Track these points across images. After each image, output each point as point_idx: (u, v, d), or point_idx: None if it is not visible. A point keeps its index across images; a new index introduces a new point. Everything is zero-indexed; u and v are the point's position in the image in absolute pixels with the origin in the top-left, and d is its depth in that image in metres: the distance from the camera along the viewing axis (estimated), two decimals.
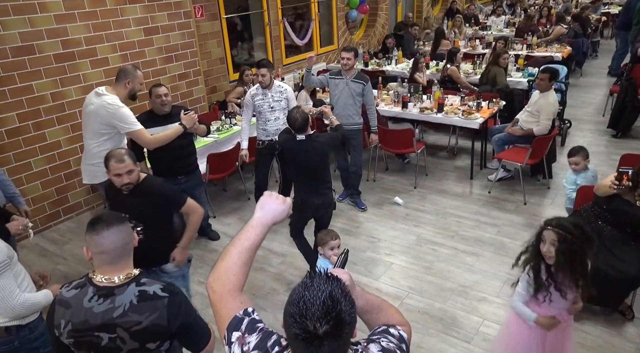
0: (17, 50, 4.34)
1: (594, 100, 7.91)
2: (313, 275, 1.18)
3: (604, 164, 5.54)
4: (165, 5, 5.51)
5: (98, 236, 1.68)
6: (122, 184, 2.66)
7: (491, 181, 5.30)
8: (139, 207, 2.75)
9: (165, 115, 3.85)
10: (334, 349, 1.10)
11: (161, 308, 1.68)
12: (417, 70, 6.78)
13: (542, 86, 4.91)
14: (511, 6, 12.99)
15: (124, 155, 2.65)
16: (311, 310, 1.08)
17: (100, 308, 1.66)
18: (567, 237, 2.17)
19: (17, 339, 2.20)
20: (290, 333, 1.11)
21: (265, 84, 4.40)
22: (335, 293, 1.11)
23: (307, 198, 3.58)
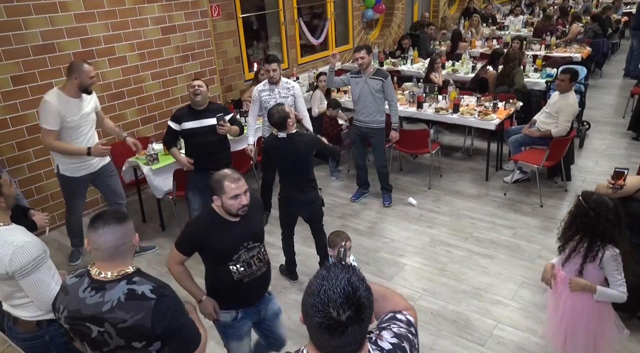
0: (38, 48, 4.43)
1: (614, 101, 7.77)
2: (329, 265, 1.22)
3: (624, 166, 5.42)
4: (183, 5, 5.56)
5: (94, 233, 1.70)
6: (240, 207, 2.30)
7: (507, 183, 5.24)
8: (255, 227, 2.48)
9: (201, 110, 3.94)
10: (357, 334, 1.15)
11: (146, 310, 1.66)
12: (433, 70, 6.73)
13: (562, 87, 4.83)
14: (530, 6, 12.81)
15: (235, 173, 2.33)
16: (332, 298, 1.12)
17: (92, 300, 1.68)
18: (582, 205, 2.36)
19: (48, 333, 2.22)
20: (313, 324, 1.14)
21: (275, 79, 4.42)
22: (353, 280, 1.16)
23: (291, 195, 3.63)
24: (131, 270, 1.74)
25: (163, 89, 5.59)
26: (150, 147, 4.52)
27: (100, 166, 3.99)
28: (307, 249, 4.32)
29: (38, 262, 2.08)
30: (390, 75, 4.83)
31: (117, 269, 1.71)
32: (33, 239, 2.12)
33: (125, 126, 5.29)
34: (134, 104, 5.34)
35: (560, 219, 2.65)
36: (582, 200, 2.38)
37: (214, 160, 4.06)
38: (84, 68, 3.58)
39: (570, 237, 2.44)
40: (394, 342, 1.30)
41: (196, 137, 3.95)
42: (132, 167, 4.70)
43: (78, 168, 3.84)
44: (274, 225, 4.80)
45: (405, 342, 1.33)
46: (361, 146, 5.02)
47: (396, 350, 1.29)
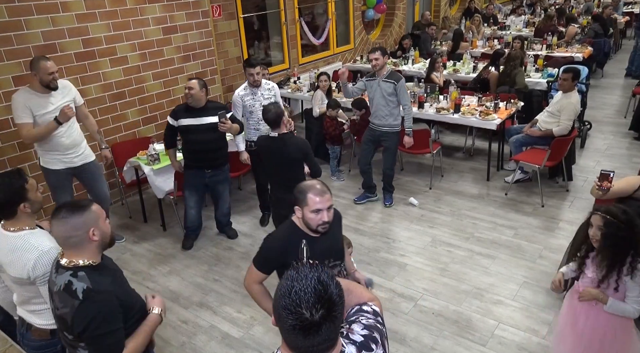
0: (39, 48, 4.43)
1: (615, 101, 7.76)
2: (296, 266, 1.21)
3: (626, 166, 5.43)
4: (184, 5, 5.57)
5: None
6: (321, 223, 2.09)
7: (508, 183, 5.24)
8: (336, 244, 2.31)
9: (200, 108, 3.96)
10: (331, 332, 1.15)
11: (70, 308, 1.69)
12: (434, 70, 6.73)
13: (565, 86, 4.82)
14: (531, 6, 12.80)
15: (323, 185, 2.11)
16: (304, 298, 1.11)
17: (52, 277, 1.79)
18: (613, 221, 2.25)
19: (60, 343, 2.17)
20: (286, 326, 1.13)
21: (258, 83, 4.42)
22: (323, 278, 1.15)
23: (280, 196, 3.61)
24: (82, 263, 1.75)
25: (164, 89, 5.60)
26: (152, 147, 4.53)
27: (81, 162, 3.99)
28: None
29: None
30: (404, 78, 4.80)
31: (69, 258, 1.77)
32: (57, 245, 2.09)
33: (127, 126, 5.30)
34: (135, 104, 5.35)
35: (561, 219, 2.63)
36: (608, 217, 2.26)
37: (210, 158, 4.11)
38: (41, 65, 3.53)
39: (609, 257, 2.28)
40: (364, 333, 1.32)
41: (193, 134, 3.97)
42: (133, 167, 4.71)
43: (57, 161, 3.86)
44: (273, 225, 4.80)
45: (375, 332, 1.35)
46: (371, 147, 4.97)
47: (368, 341, 1.31)
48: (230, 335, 3.38)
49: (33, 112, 3.61)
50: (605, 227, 2.26)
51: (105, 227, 1.84)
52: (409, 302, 3.57)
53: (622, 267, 2.27)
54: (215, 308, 3.66)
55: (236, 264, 4.21)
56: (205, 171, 4.15)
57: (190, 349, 3.26)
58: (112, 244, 1.91)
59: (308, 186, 2.10)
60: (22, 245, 2.04)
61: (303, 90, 6.79)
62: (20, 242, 2.05)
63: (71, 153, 3.90)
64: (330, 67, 8.18)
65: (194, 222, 4.41)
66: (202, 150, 4.04)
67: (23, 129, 3.63)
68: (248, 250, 4.39)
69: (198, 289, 3.90)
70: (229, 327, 3.45)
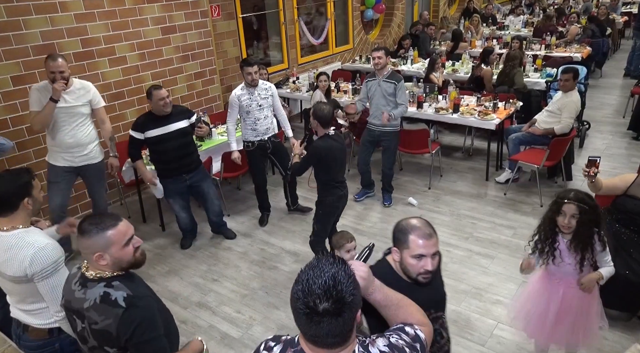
0: (38, 48, 4.43)
1: (614, 101, 7.77)
2: (320, 256, 1.25)
3: (625, 166, 5.44)
4: (183, 5, 5.56)
5: (79, 235, 1.71)
6: (423, 272, 1.74)
7: (499, 183, 5.26)
8: (439, 292, 2.02)
9: (165, 115, 3.90)
10: (333, 327, 1.18)
11: (114, 318, 1.63)
12: (433, 70, 6.73)
13: (567, 87, 4.83)
14: (530, 6, 12.81)
15: (428, 226, 1.82)
16: (312, 288, 1.17)
17: (78, 294, 1.71)
18: (586, 208, 2.33)
19: (58, 341, 2.20)
20: (295, 310, 1.21)
21: (256, 82, 4.39)
22: (338, 275, 1.19)
23: (344, 193, 3.69)
24: (108, 274, 1.71)
25: None
26: None
27: (83, 163, 4.00)
28: (307, 249, 4.32)
29: (58, 265, 2.07)
30: (403, 79, 4.80)
31: (95, 271, 1.72)
32: (53, 242, 2.11)
33: (126, 126, 5.29)
34: (134, 104, 5.34)
35: None
36: (580, 203, 2.35)
37: (186, 163, 4.06)
38: (46, 63, 3.66)
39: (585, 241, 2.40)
40: (384, 350, 1.29)
41: (164, 144, 3.91)
42: (132, 167, 4.70)
43: (59, 157, 3.91)
44: (274, 225, 4.80)
45: (397, 352, 1.30)
46: (369, 148, 4.97)
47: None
48: (229, 335, 3.38)
49: (43, 104, 3.70)
50: (580, 214, 2.34)
51: (120, 254, 1.72)
52: None
53: (594, 245, 2.42)
54: (214, 309, 3.66)
55: (235, 264, 4.21)
56: (183, 175, 4.09)
57: None
58: (136, 267, 1.80)
59: (410, 226, 1.76)
60: (16, 243, 2.04)
61: (302, 90, 6.79)
62: (14, 240, 2.05)
63: (73, 152, 3.93)
64: (330, 67, 8.18)
65: (187, 224, 4.41)
66: (175, 158, 3.96)
67: (30, 116, 3.81)
68: (247, 250, 4.39)
69: (197, 289, 3.90)
70: (228, 327, 3.45)
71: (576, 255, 2.43)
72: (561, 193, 2.45)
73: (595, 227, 2.40)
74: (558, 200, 2.43)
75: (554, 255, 2.48)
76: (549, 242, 2.48)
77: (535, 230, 2.58)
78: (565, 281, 2.55)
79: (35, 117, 3.74)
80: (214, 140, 5.11)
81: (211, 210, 4.46)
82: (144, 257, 1.84)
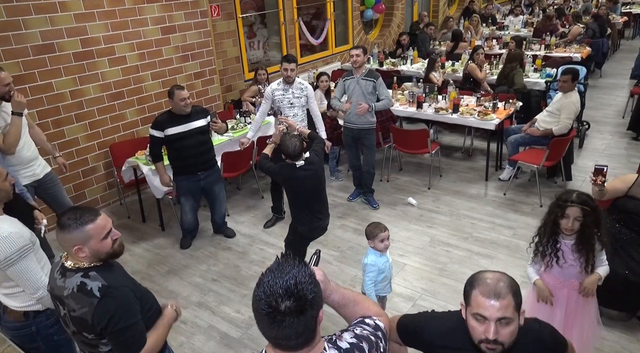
0: (38, 48, 4.42)
1: (614, 101, 7.77)
2: (280, 259, 1.27)
3: (624, 166, 5.44)
4: (183, 5, 5.56)
5: (56, 228, 1.76)
6: (484, 340, 1.45)
7: (502, 180, 5.27)
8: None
9: (184, 115, 3.96)
10: (297, 326, 1.19)
11: (89, 307, 1.71)
12: (433, 70, 6.74)
13: (566, 88, 4.83)
14: (529, 6, 12.82)
15: (503, 280, 1.49)
16: (274, 288, 1.18)
17: (59, 283, 1.79)
18: (589, 210, 2.33)
19: (35, 324, 2.25)
20: (257, 312, 1.20)
21: (291, 79, 4.44)
22: (298, 274, 1.21)
23: (319, 224, 3.46)
24: (85, 266, 1.76)
25: (163, 89, 5.59)
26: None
27: (43, 173, 3.79)
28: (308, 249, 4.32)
29: (23, 252, 2.10)
30: (389, 75, 4.82)
31: (74, 261, 1.78)
32: (20, 230, 2.15)
33: (125, 126, 5.30)
34: (134, 104, 5.34)
35: None
36: (584, 205, 2.34)
37: (203, 161, 4.12)
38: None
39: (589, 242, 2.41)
40: (352, 341, 1.33)
41: (183, 141, 3.96)
42: (131, 167, 4.70)
43: (22, 176, 3.62)
44: (274, 225, 4.80)
45: (364, 342, 1.34)
46: (354, 147, 5.00)
47: (353, 349, 1.31)
48: (229, 335, 3.38)
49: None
50: (584, 217, 2.33)
51: (99, 246, 1.76)
52: (407, 302, 3.57)
53: (594, 246, 2.43)
54: (213, 308, 3.66)
55: (235, 264, 4.21)
56: (199, 173, 4.15)
57: (189, 349, 3.26)
58: (114, 257, 1.85)
59: (480, 278, 1.51)
60: None
61: None
62: None
63: (33, 165, 3.70)
64: (329, 67, 8.19)
65: (190, 225, 4.43)
66: (194, 155, 4.05)
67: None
68: (247, 250, 4.39)
69: (197, 289, 3.90)
70: (228, 327, 3.45)
71: (580, 257, 2.42)
72: (563, 196, 2.42)
73: (596, 228, 2.40)
74: (561, 202, 2.39)
75: (557, 257, 2.46)
76: (551, 244, 2.47)
77: (536, 232, 2.57)
78: (568, 283, 2.53)
79: (7, 138, 3.39)
80: (215, 139, 5.10)
81: (217, 211, 4.51)
82: (122, 248, 1.89)
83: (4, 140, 3.42)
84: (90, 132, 4.98)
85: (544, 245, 2.50)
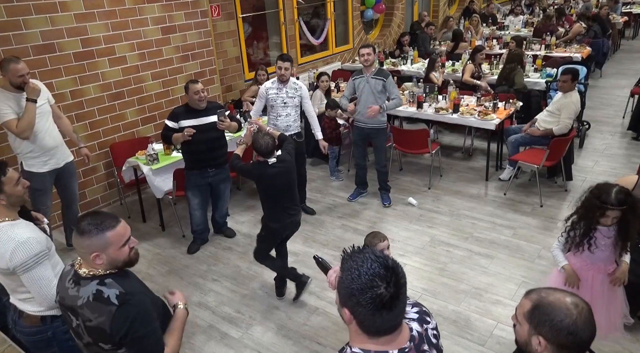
0: (38, 48, 4.43)
1: (614, 101, 7.76)
2: (351, 253, 1.26)
3: (624, 166, 5.44)
4: (183, 5, 5.56)
5: (74, 232, 1.71)
6: None
7: (502, 180, 5.28)
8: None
9: (201, 109, 3.99)
10: (406, 299, 1.24)
11: (107, 315, 1.65)
12: (433, 70, 6.73)
13: (565, 88, 4.83)
14: (529, 6, 12.82)
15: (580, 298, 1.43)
16: (376, 273, 1.18)
17: (72, 292, 1.72)
18: (628, 209, 2.37)
19: (51, 329, 2.22)
20: (368, 308, 1.18)
21: (285, 78, 4.44)
22: (377, 252, 1.23)
23: (292, 220, 3.48)
24: (101, 273, 1.71)
25: (163, 89, 5.59)
26: (150, 147, 4.53)
27: (64, 163, 4.01)
28: (307, 249, 4.33)
29: (39, 258, 2.08)
30: (392, 74, 4.82)
31: (88, 269, 1.72)
32: (37, 235, 2.13)
33: (125, 126, 5.30)
34: (134, 103, 5.34)
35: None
36: (623, 193, 2.38)
37: (214, 157, 4.13)
38: (10, 67, 3.52)
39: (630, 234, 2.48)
40: (416, 310, 1.45)
41: (196, 135, 3.98)
42: (132, 167, 4.70)
43: (42, 163, 3.85)
44: None
45: (423, 308, 1.49)
46: (362, 146, 5.01)
47: (422, 315, 1.44)
48: (229, 335, 3.38)
49: (14, 108, 3.61)
50: (624, 214, 2.39)
51: (117, 254, 1.72)
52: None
53: (633, 237, 2.50)
54: (214, 308, 3.66)
55: (235, 264, 4.21)
56: (209, 170, 4.17)
57: (189, 349, 3.26)
58: (129, 266, 1.81)
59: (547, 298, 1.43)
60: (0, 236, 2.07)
61: None
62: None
63: (55, 153, 3.90)
64: (329, 67, 8.18)
65: (200, 224, 4.40)
66: (205, 150, 4.06)
67: (12, 125, 3.62)
68: (247, 250, 4.39)
69: (197, 289, 3.90)
70: (228, 327, 3.45)
71: (615, 244, 2.49)
72: (603, 195, 2.39)
73: (637, 220, 2.43)
74: (600, 203, 2.39)
75: (590, 244, 2.51)
76: (587, 236, 2.51)
77: (569, 223, 2.58)
78: (595, 267, 2.59)
79: (21, 123, 3.61)
80: None
81: (220, 210, 4.52)
82: (137, 256, 1.85)
83: (18, 124, 3.60)
84: (90, 132, 4.98)
85: (580, 237, 2.53)
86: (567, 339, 1.33)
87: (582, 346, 1.35)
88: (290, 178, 3.41)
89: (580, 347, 1.35)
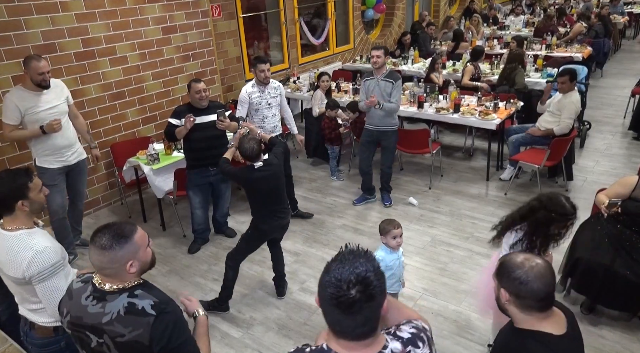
0: (39, 48, 4.43)
1: (615, 101, 7.76)
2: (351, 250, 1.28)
3: (625, 166, 5.44)
4: (184, 5, 5.57)
5: (90, 246, 1.64)
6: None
7: (503, 180, 5.27)
8: None
9: (202, 108, 4.03)
10: (365, 313, 1.21)
11: (145, 326, 1.58)
12: (434, 70, 6.73)
13: (565, 89, 4.83)
14: (530, 6, 12.81)
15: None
16: (344, 274, 1.20)
17: (93, 309, 1.63)
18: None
19: (64, 340, 2.19)
20: (325, 298, 1.22)
21: (268, 80, 4.45)
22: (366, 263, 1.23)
23: (279, 222, 3.47)
24: (129, 285, 1.66)
25: (164, 89, 5.60)
26: (151, 147, 4.53)
27: (76, 161, 4.06)
28: (307, 249, 4.33)
29: (56, 269, 2.05)
30: (401, 78, 4.78)
31: (115, 283, 1.65)
32: (54, 245, 2.10)
33: (126, 126, 5.30)
34: (135, 103, 5.35)
35: None
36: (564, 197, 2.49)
37: (215, 155, 4.10)
38: (32, 64, 3.57)
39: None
40: (412, 331, 1.37)
41: (197, 133, 4.00)
42: (132, 167, 4.71)
43: (53, 160, 3.90)
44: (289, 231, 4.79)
45: (423, 334, 1.39)
46: (368, 150, 4.93)
47: (415, 338, 1.34)
48: (229, 335, 3.38)
49: (25, 111, 3.65)
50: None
51: (145, 256, 1.69)
52: (408, 302, 3.57)
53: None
54: None
55: None
56: (210, 169, 4.18)
57: None
58: (152, 267, 1.77)
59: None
60: (17, 245, 2.04)
61: (302, 90, 6.79)
62: (15, 241, 2.05)
63: (66, 152, 3.95)
64: (330, 67, 8.18)
65: (201, 223, 4.40)
66: (206, 148, 4.09)
67: (6, 128, 3.70)
68: None
69: (197, 289, 3.90)
70: (228, 327, 3.46)
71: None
72: (559, 210, 2.41)
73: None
74: (562, 217, 2.41)
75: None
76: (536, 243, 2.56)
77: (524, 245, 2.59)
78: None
79: (14, 133, 3.67)
80: None
81: (220, 209, 4.53)
82: (155, 256, 1.80)
83: (10, 132, 3.68)
84: (91, 132, 4.96)
85: (538, 249, 2.52)
86: (520, 288, 1.57)
87: (538, 296, 1.55)
88: (278, 181, 3.41)
89: (535, 296, 1.56)
